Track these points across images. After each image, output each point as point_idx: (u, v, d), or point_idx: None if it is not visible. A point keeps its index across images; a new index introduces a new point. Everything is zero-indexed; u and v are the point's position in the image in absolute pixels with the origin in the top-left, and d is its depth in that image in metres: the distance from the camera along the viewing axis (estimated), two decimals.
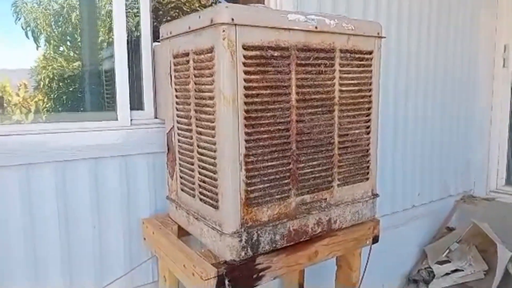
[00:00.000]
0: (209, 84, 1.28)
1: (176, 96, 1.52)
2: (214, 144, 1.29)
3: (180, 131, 1.53)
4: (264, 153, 1.30)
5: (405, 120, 2.77)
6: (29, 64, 2.00)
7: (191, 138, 1.43)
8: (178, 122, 1.54)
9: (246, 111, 1.24)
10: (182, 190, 1.56)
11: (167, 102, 1.62)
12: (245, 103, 1.24)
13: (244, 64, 1.22)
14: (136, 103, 1.83)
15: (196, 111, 1.38)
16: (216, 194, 1.31)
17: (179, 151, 1.56)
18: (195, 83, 1.36)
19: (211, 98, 1.27)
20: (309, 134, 1.40)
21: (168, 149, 1.66)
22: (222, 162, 1.26)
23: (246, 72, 1.23)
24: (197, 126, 1.39)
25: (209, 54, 1.26)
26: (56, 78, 1.96)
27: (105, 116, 1.74)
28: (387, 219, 2.38)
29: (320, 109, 1.42)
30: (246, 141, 1.26)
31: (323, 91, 1.42)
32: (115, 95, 1.74)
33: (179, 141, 1.55)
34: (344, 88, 1.48)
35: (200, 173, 1.40)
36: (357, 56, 1.51)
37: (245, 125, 1.25)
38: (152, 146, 1.79)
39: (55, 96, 1.98)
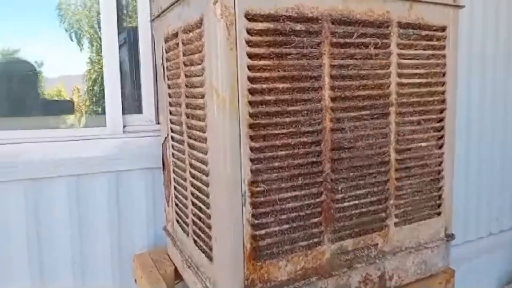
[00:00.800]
0: (199, 75, 0.87)
1: (169, 95, 1.13)
2: (207, 164, 0.87)
3: (174, 143, 1.13)
4: (280, 179, 0.86)
5: (480, 125, 2.19)
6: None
7: (184, 153, 1.03)
8: (172, 130, 1.14)
9: (252, 116, 0.81)
10: (177, 222, 1.16)
11: (162, 102, 1.23)
12: (250, 103, 0.81)
13: (249, 43, 0.80)
14: (132, 105, 1.47)
15: (187, 115, 0.98)
16: (210, 238, 0.89)
17: (173, 170, 1.16)
18: (186, 75, 0.96)
19: (202, 96, 0.86)
20: (351, 149, 0.94)
21: (163, 165, 1.27)
22: (216, 192, 0.84)
23: (251, 56, 0.80)
24: (188, 137, 0.98)
25: (198, 30, 0.85)
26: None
27: (90, 121, 1.39)
28: (456, 251, 1.83)
29: (368, 111, 0.96)
30: (253, 160, 0.82)
31: (372, 85, 0.96)
32: (102, 94, 1.38)
33: (173, 155, 1.15)
34: (404, 81, 1.01)
35: (193, 204, 0.99)
36: (423, 33, 1.03)
37: (251, 137, 0.82)
38: (151, 160, 1.40)
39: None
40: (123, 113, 1.40)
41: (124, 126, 1.41)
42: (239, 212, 0.82)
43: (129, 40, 1.50)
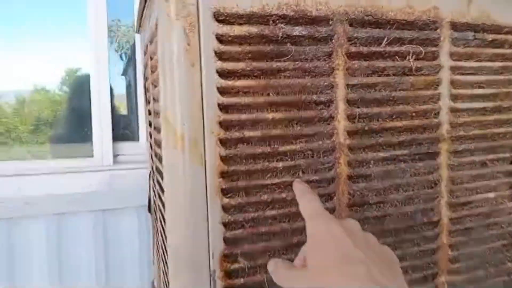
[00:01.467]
0: (157, 102, 0.63)
1: (150, 123, 0.90)
2: (165, 229, 0.62)
3: (154, 182, 0.90)
4: (270, 252, 0.59)
5: None
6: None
7: (156, 199, 0.79)
8: (151, 166, 0.91)
9: (225, 160, 0.56)
10: (160, 278, 0.92)
11: (147, 131, 1.01)
12: (223, 143, 0.55)
13: (221, 55, 0.55)
14: (125, 130, 1.27)
15: (155, 154, 0.74)
16: None
17: (155, 213, 0.92)
18: (153, 99, 0.73)
19: (159, 130, 0.62)
20: (380, 205, 0.65)
21: (149, 206, 1.04)
22: (176, 268, 0.59)
23: (224, 74, 0.55)
24: (157, 182, 0.74)
25: (156, 39, 0.61)
26: None
27: (74, 151, 1.20)
28: None
29: (406, 150, 0.66)
30: (227, 225, 0.57)
31: (412, 113, 0.66)
32: (89, 118, 1.19)
33: (154, 196, 0.92)
34: (461, 105, 0.70)
35: (163, 270, 0.74)
36: (490, 37, 0.72)
37: (223, 191, 0.56)
38: (146, 196, 1.18)
39: None
40: (114, 140, 1.21)
41: (116, 156, 1.20)
42: None
43: (125, 57, 1.31)
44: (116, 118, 1.19)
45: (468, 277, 0.73)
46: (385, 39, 0.63)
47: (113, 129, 1.16)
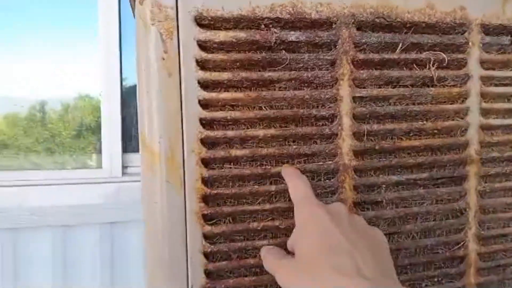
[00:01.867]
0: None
1: None
2: (146, 250, 0.56)
3: None
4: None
5: None
6: None
7: None
8: None
9: (208, 183, 0.49)
10: None
11: None
12: (205, 163, 0.49)
13: (203, 64, 0.48)
14: (136, 141, 1.23)
15: None
16: None
17: None
18: None
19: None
20: (394, 237, 0.56)
21: None
22: None
23: (207, 85, 0.49)
24: None
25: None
26: None
27: (82, 161, 1.18)
28: None
29: (425, 173, 0.56)
30: (209, 255, 0.50)
31: (434, 130, 0.57)
32: (98, 127, 1.16)
33: None
34: (494, 122, 0.60)
35: None
36: None
37: (205, 217, 0.49)
38: None
39: None
40: (124, 151, 1.17)
41: (125, 167, 1.17)
42: None
43: None
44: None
45: None
46: (400, 44, 0.54)
47: (123, 140, 1.13)
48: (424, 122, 0.56)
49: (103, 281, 1.12)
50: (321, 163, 0.52)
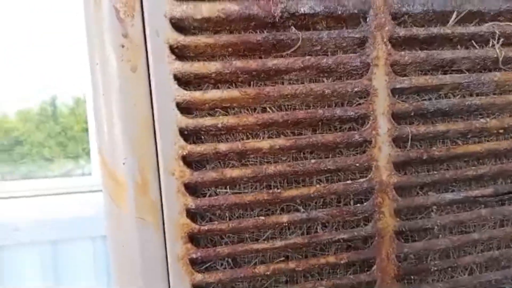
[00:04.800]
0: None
1: None
2: None
3: None
4: None
5: None
6: None
7: None
8: None
9: (195, 215, 0.35)
10: None
11: None
12: (190, 189, 0.35)
13: (180, 50, 0.34)
14: None
15: None
16: None
17: None
18: None
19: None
20: (447, 273, 0.42)
21: None
22: None
23: (188, 81, 0.35)
24: None
25: None
26: None
27: (69, 169, 1.05)
28: None
29: (489, 189, 0.42)
30: None
31: (499, 130, 0.42)
32: (86, 129, 1.04)
33: None
34: None
35: None
36: None
37: (195, 263, 0.36)
38: None
39: None
40: None
41: None
42: None
43: None
44: None
45: None
46: (454, 14, 0.39)
47: None
48: (487, 119, 0.41)
49: None
50: (349, 181, 0.38)
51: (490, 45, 0.41)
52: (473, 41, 0.40)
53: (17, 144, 1.17)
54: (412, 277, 0.41)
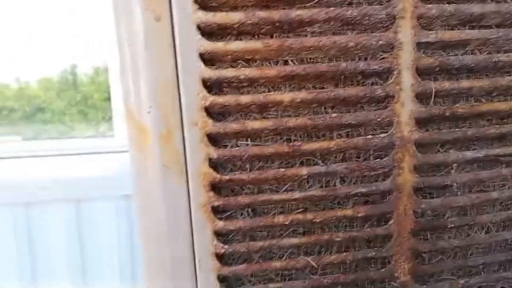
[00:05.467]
0: None
1: None
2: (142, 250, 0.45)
3: None
4: None
5: None
6: None
7: None
8: None
9: (217, 165, 0.37)
10: None
11: None
12: (212, 139, 0.36)
13: (199, 0, 0.34)
14: None
15: None
16: None
17: None
18: None
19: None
20: (463, 230, 0.42)
21: None
22: None
23: (211, 31, 0.35)
24: None
25: None
26: None
27: (91, 129, 1.08)
28: None
29: (510, 148, 0.42)
30: (221, 257, 0.38)
31: None
32: (108, 89, 1.05)
33: None
34: None
35: None
36: None
37: (215, 209, 0.37)
38: None
39: None
40: None
41: None
42: None
43: None
44: None
45: None
46: None
47: None
48: None
49: (121, 259, 1.05)
50: (370, 136, 0.38)
51: None
52: None
53: (39, 111, 1.20)
54: (428, 233, 0.42)
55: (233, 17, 0.34)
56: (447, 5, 0.37)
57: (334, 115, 0.37)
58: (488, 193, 0.42)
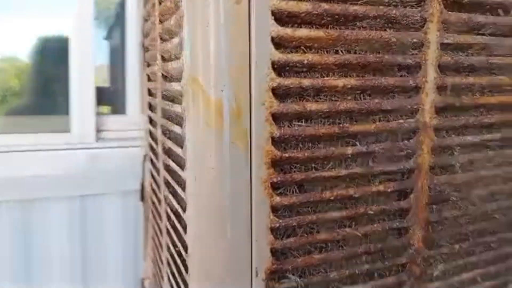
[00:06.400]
0: (176, 58, 0.45)
1: (149, 91, 0.72)
2: (183, 236, 0.45)
3: (151, 166, 0.72)
4: (331, 265, 0.44)
5: None
6: None
7: (159, 187, 0.62)
8: (150, 147, 0.73)
9: (280, 143, 0.39)
10: (154, 277, 0.76)
11: (143, 101, 0.82)
12: (277, 119, 0.39)
13: None
14: (111, 101, 1.07)
15: (163, 131, 0.56)
16: None
17: (152, 203, 0.75)
18: (162, 57, 0.54)
19: (180, 97, 0.44)
20: (460, 203, 0.51)
21: (142, 195, 0.86)
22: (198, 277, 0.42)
23: (282, 17, 0.38)
24: (165, 168, 0.57)
25: None
26: None
27: (46, 123, 1.00)
28: None
29: (497, 134, 0.51)
30: (276, 231, 0.41)
31: (508, 86, 0.51)
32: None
33: (151, 184, 0.74)
34: None
35: (170, 264, 0.58)
36: None
37: (274, 185, 0.40)
38: (135, 180, 1.00)
39: None
40: (97, 113, 1.01)
41: (98, 131, 1.01)
42: None
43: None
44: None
45: None
46: None
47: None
48: (501, 77, 0.50)
49: (73, 263, 0.98)
50: (401, 121, 0.44)
51: None
52: (500, 9, 0.48)
53: None
54: (436, 206, 0.49)
55: (302, 6, 0.38)
56: (463, 13, 0.45)
57: (376, 100, 0.43)
58: (478, 171, 0.51)
